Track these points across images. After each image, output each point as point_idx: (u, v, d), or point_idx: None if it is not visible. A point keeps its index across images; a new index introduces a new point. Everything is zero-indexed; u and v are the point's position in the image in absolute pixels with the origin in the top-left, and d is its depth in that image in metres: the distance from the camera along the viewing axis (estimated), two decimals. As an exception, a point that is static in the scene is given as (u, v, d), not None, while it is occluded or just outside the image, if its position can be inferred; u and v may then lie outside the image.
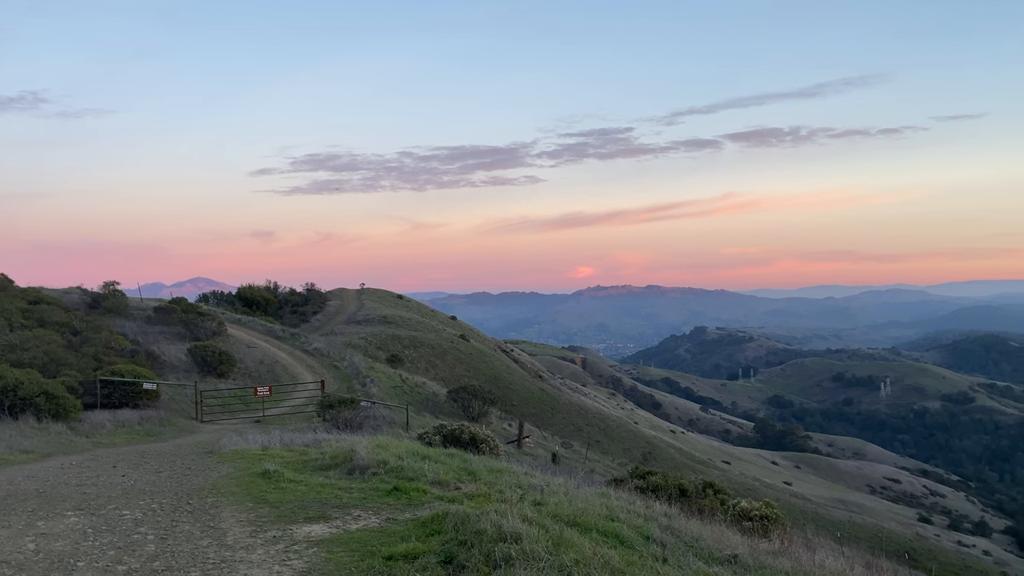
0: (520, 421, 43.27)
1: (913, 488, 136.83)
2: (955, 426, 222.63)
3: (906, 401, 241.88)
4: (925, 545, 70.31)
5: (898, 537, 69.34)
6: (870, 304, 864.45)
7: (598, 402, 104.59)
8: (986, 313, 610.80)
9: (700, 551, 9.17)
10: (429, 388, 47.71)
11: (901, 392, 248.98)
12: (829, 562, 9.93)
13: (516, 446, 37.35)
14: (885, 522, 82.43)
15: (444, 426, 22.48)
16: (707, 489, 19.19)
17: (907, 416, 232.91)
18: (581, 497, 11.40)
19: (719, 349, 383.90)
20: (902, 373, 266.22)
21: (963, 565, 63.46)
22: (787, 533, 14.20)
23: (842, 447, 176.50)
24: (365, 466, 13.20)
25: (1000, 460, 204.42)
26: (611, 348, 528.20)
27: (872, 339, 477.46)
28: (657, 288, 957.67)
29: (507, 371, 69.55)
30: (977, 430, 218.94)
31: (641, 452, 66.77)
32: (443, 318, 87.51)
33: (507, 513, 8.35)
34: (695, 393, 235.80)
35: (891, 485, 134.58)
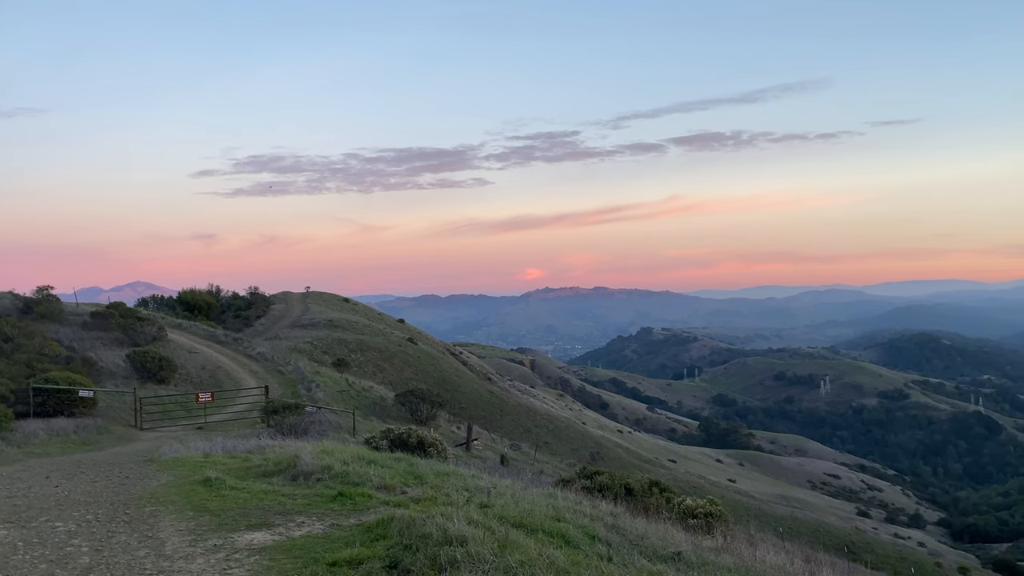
0: (469, 424, 43.20)
1: (852, 483, 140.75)
2: (891, 422, 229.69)
3: (845, 398, 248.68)
4: (863, 538, 72.35)
5: (838, 531, 71.24)
6: (810, 304, 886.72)
7: (547, 403, 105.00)
8: (920, 312, 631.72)
9: (645, 549, 9.28)
10: (376, 392, 47.29)
11: (840, 390, 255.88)
12: (770, 557, 10.17)
13: (465, 449, 37.26)
14: (826, 517, 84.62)
15: (391, 430, 22.30)
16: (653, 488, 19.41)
17: (846, 413, 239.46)
18: (528, 498, 11.44)
19: (665, 349, 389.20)
20: (841, 371, 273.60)
21: (899, 557, 65.48)
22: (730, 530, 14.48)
23: (784, 444, 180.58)
24: (309, 472, 13.02)
25: (933, 454, 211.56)
26: (559, 349, 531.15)
27: (812, 338, 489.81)
28: (604, 290, 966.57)
29: (456, 374, 69.36)
30: (912, 426, 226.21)
31: (589, 452, 67.26)
32: (391, 321, 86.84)
33: (453, 516, 8.33)
34: (642, 393, 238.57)
35: (831, 481, 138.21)
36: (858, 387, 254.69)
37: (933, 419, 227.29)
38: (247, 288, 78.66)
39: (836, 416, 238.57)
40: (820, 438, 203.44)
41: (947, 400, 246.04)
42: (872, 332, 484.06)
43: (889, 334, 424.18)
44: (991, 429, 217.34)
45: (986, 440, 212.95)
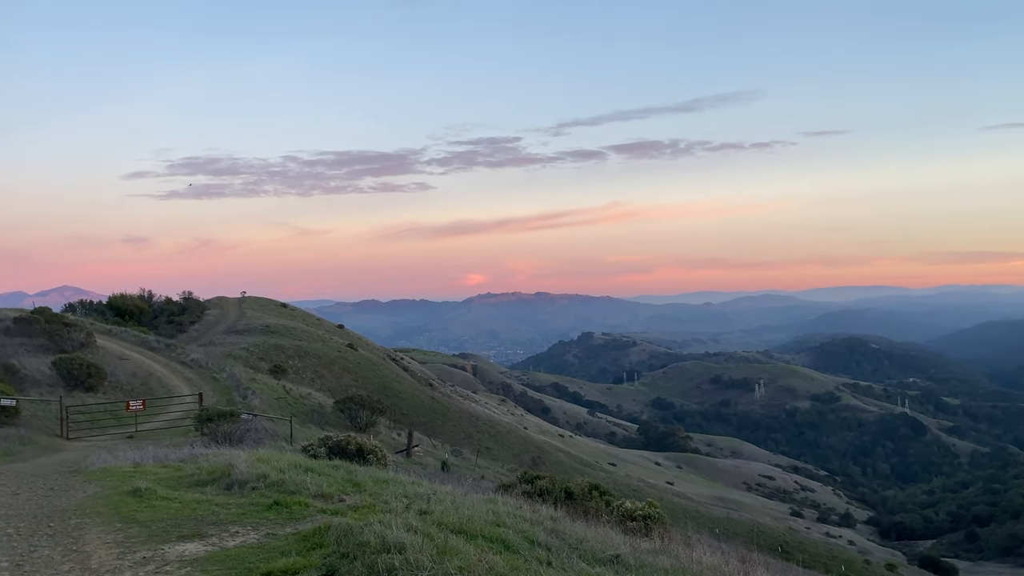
0: (409, 430, 42.88)
1: (786, 484, 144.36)
2: (823, 424, 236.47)
3: (779, 401, 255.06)
4: (796, 538, 74.24)
5: (772, 531, 72.94)
6: (745, 309, 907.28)
7: (488, 409, 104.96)
8: (850, 317, 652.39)
9: (584, 552, 9.34)
10: (315, 399, 46.58)
11: (774, 393, 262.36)
12: (706, 558, 10.33)
13: (405, 456, 36.96)
14: (760, 517, 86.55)
15: (330, 437, 21.98)
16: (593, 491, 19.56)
17: (780, 415, 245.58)
18: (468, 504, 11.40)
19: (605, 354, 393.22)
20: (775, 375, 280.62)
21: (830, 555, 67.36)
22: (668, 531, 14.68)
23: (720, 446, 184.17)
24: (244, 480, 12.73)
25: (863, 455, 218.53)
26: (501, 355, 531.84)
27: (747, 342, 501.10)
28: (546, 295, 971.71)
29: (397, 380, 68.81)
30: (842, 427, 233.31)
31: (531, 457, 67.46)
32: (330, 327, 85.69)
33: (391, 523, 8.24)
34: (583, 397, 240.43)
35: (766, 482, 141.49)
36: (791, 390, 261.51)
37: (862, 421, 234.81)
38: (181, 293, 76.87)
39: (770, 418, 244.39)
40: (755, 440, 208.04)
41: (875, 402, 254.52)
42: (804, 336, 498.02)
43: (820, 338, 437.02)
44: (917, 430, 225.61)
45: (912, 441, 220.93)
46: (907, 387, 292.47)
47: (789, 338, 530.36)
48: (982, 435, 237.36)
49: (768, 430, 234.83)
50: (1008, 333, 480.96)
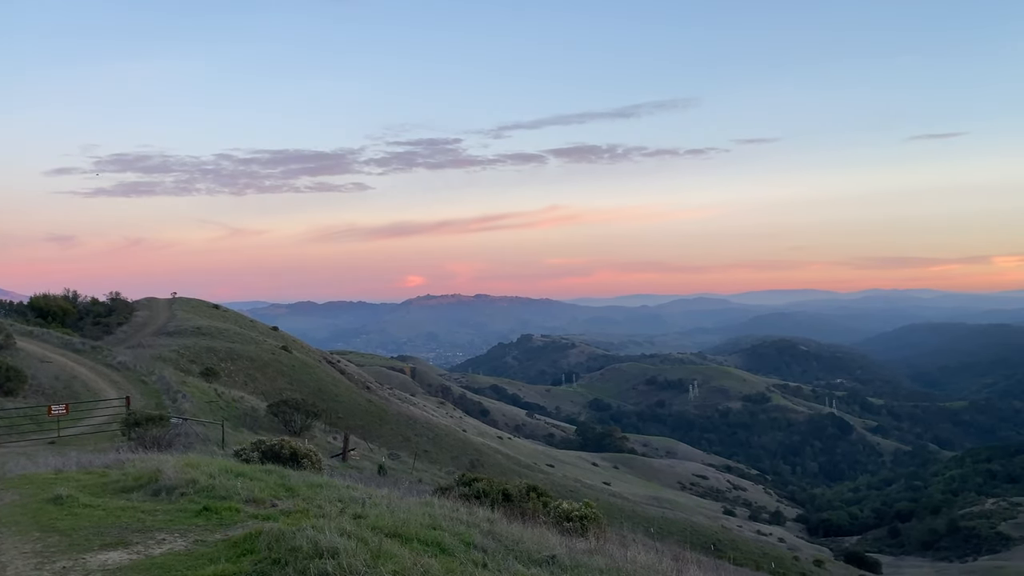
0: (345, 434, 42.36)
1: (719, 483, 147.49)
2: (755, 424, 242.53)
3: (712, 402, 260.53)
4: (729, 536, 75.90)
5: (705, 530, 74.42)
6: (679, 312, 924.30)
7: (427, 411, 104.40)
8: (780, 320, 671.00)
9: (520, 554, 9.35)
10: (248, 402, 45.60)
11: (708, 393, 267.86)
12: (641, 557, 10.46)
13: (341, 459, 36.51)
14: (694, 516, 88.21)
15: (263, 442, 21.54)
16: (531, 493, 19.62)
17: (713, 416, 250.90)
18: (404, 508, 11.30)
19: (544, 356, 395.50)
20: (708, 376, 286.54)
21: (761, 553, 69.08)
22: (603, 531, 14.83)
23: (656, 447, 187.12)
24: (172, 486, 12.36)
25: (792, 454, 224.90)
26: (441, 357, 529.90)
27: (682, 344, 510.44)
28: (486, 297, 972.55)
29: (333, 383, 67.89)
30: (773, 427, 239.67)
31: (469, 459, 67.35)
32: (264, 329, 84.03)
33: (324, 528, 8.12)
34: (522, 399, 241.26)
35: (699, 481, 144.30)
36: (724, 391, 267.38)
37: (792, 421, 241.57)
38: (108, 293, 74.48)
39: (704, 419, 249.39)
40: (690, 440, 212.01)
41: (804, 403, 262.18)
42: (737, 339, 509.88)
43: (752, 340, 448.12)
44: (843, 429, 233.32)
45: (839, 440, 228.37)
46: (834, 388, 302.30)
47: (722, 340, 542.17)
48: (904, 434, 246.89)
49: (702, 430, 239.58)
50: (929, 336, 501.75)
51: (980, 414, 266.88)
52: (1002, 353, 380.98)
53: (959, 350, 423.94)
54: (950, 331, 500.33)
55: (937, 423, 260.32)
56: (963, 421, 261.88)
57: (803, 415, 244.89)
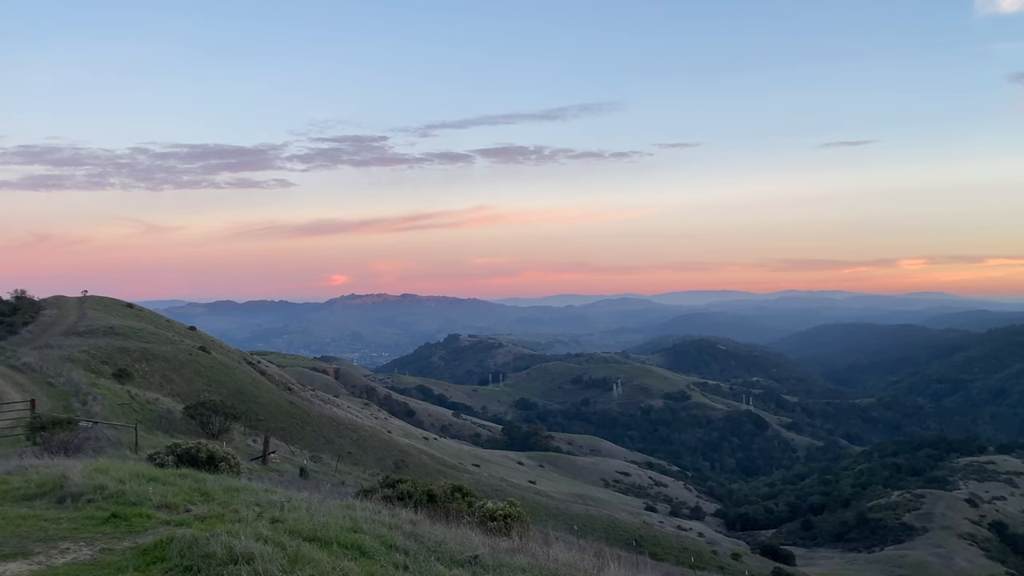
0: (266, 436, 41.38)
1: (641, 480, 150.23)
2: (675, 421, 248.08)
3: (635, 400, 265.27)
4: (650, 532, 77.42)
5: (628, 526, 75.70)
6: (604, 312, 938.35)
7: (351, 413, 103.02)
8: (700, 320, 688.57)
9: (443, 555, 9.30)
10: (163, 405, 44.09)
11: (631, 392, 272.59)
12: (563, 555, 10.55)
13: (261, 463, 35.66)
14: (617, 513, 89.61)
15: (178, 445, 20.82)
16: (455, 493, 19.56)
17: (636, 414, 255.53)
18: (324, 511, 11.09)
19: (471, 356, 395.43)
20: (631, 375, 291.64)
21: (681, 547, 70.67)
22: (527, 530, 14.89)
23: (581, 445, 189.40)
24: (79, 493, 11.81)
25: (711, 451, 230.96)
26: (366, 357, 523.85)
27: (606, 344, 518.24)
28: (413, 297, 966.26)
29: (253, 384, 66.30)
30: (693, 424, 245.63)
31: (394, 461, 66.77)
32: (181, 328, 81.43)
33: (240, 533, 7.90)
34: (448, 399, 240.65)
35: (622, 478, 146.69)
36: (647, 389, 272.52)
37: (711, 418, 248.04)
38: (13, 291, 71.06)
39: (627, 417, 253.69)
40: (613, 438, 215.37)
41: (723, 400, 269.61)
42: (659, 338, 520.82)
43: (673, 340, 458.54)
44: (759, 426, 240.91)
45: (755, 436, 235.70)
46: (751, 386, 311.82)
47: (645, 339, 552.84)
48: (817, 430, 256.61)
49: (625, 428, 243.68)
50: (840, 336, 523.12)
51: (887, 410, 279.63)
52: (908, 352, 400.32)
53: (868, 349, 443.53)
54: (860, 331, 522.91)
55: (848, 419, 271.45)
56: (871, 417, 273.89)
57: (722, 412, 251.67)
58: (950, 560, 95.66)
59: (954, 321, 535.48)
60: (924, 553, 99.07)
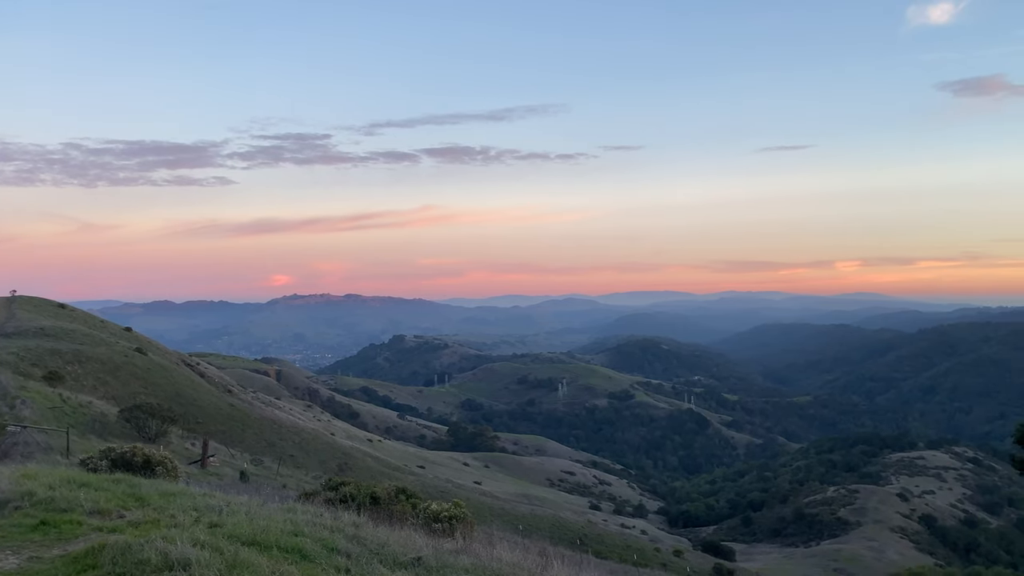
0: (205, 439, 40.51)
1: (585, 479, 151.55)
2: (619, 420, 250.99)
3: (580, 400, 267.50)
4: (595, 530, 78.14)
5: (572, 525, 76.28)
6: (550, 312, 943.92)
7: (293, 415, 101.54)
8: (644, 320, 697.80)
9: (385, 557, 9.24)
10: (97, 408, 42.80)
11: (576, 392, 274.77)
12: (506, 555, 10.59)
13: (200, 466, 34.88)
14: (562, 512, 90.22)
15: (113, 449, 20.22)
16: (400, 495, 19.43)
17: (581, 413, 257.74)
18: (265, 515, 10.90)
19: (417, 356, 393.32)
20: (577, 375, 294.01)
21: (624, 545, 71.50)
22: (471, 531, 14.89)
23: (526, 445, 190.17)
24: (6, 500, 11.37)
25: (655, 449, 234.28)
26: (308, 359, 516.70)
27: (552, 344, 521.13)
28: (357, 297, 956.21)
29: (192, 386, 64.83)
30: (637, 423, 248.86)
31: (337, 463, 66.04)
32: (116, 330, 79.15)
33: (176, 538, 7.71)
34: (393, 401, 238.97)
35: (567, 477, 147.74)
36: (592, 389, 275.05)
37: (654, 417, 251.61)
38: (-66, 291, 67.85)
39: (572, 416, 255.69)
40: (558, 437, 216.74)
41: (666, 399, 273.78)
42: (603, 338, 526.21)
43: (617, 340, 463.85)
44: (701, 424, 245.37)
45: (697, 434, 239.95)
46: (693, 385, 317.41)
47: (590, 339, 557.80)
48: (756, 428, 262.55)
49: (570, 427, 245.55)
50: (779, 336, 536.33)
51: (823, 408, 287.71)
52: (843, 351, 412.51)
53: (805, 349, 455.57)
54: (798, 331, 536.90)
55: (785, 417, 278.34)
56: (808, 415, 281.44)
57: (664, 411, 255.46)
58: (882, 553, 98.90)
59: (887, 321, 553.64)
60: (858, 547, 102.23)
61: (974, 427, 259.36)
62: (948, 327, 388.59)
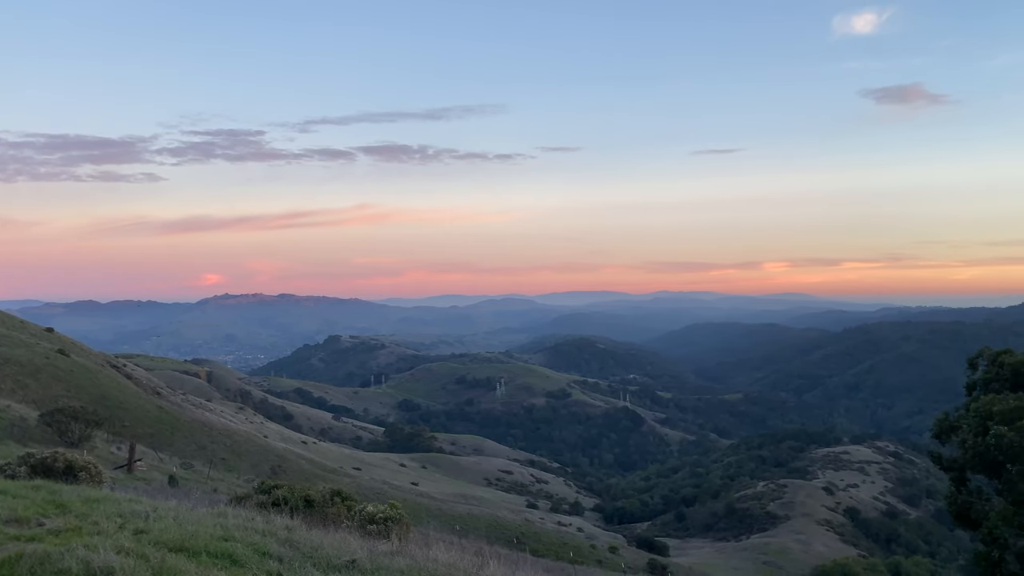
0: (131, 443, 39.25)
1: (523, 478, 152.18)
2: (556, 419, 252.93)
3: (518, 399, 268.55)
4: (532, 528, 78.54)
5: (509, 524, 76.54)
6: (488, 312, 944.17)
7: (225, 417, 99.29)
8: (581, 320, 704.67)
9: (319, 561, 9.13)
10: (15, 412, 41.08)
11: (514, 391, 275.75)
12: (442, 556, 10.57)
13: (126, 471, 33.81)
14: (499, 511, 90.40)
15: (32, 455, 19.44)
16: (335, 497, 19.19)
17: (519, 412, 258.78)
18: (194, 519, 10.64)
19: (353, 357, 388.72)
20: (515, 374, 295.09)
21: (561, 543, 72.08)
22: (407, 532, 14.81)
23: (464, 445, 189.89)
24: (-86, 511, 10.81)
25: (591, 446, 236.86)
26: (241, 360, 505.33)
27: (490, 344, 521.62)
28: (291, 297, 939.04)
29: (118, 389, 62.75)
30: (573, 421, 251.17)
31: (271, 466, 64.82)
32: (36, 330, 76.01)
33: (99, 546, 7.46)
34: (328, 402, 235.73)
35: (505, 477, 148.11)
36: (529, 388, 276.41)
37: (590, 415, 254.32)
38: None
39: (510, 416, 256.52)
40: (496, 437, 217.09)
41: (602, 397, 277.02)
42: (541, 338, 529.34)
43: (555, 339, 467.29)
44: (636, 422, 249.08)
45: (632, 432, 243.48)
46: (628, 383, 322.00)
47: (528, 339, 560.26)
48: (689, 425, 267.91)
49: (508, 426, 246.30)
50: (711, 335, 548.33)
51: (753, 405, 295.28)
52: (771, 350, 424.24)
53: (736, 347, 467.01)
54: (728, 330, 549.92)
55: (717, 414, 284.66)
56: (739, 412, 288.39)
57: (600, 409, 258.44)
58: (809, 545, 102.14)
59: (814, 321, 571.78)
60: (787, 540, 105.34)
61: (895, 422, 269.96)
62: (871, 326, 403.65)
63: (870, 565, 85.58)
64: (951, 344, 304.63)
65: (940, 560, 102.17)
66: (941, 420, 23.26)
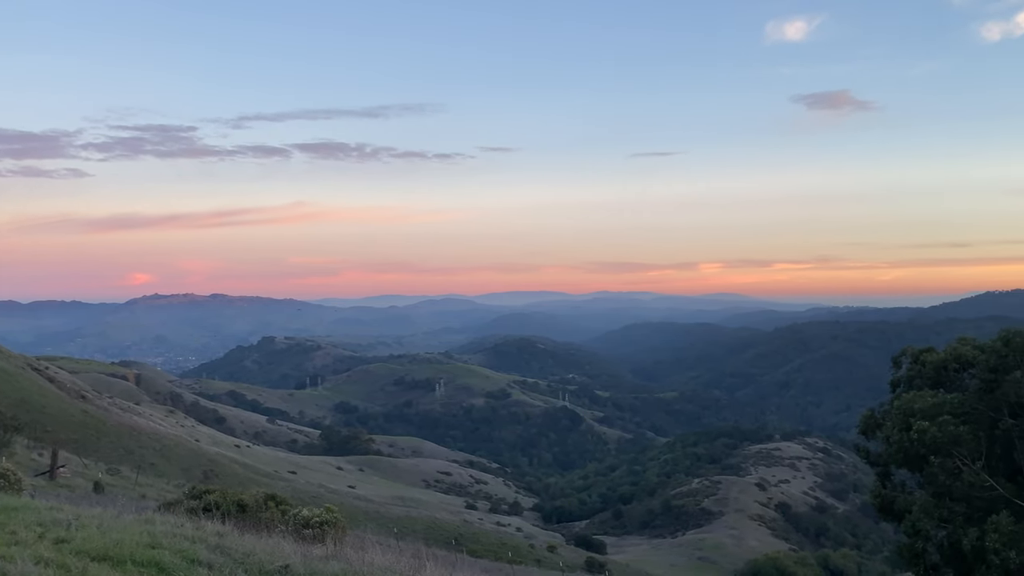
0: (54, 449, 37.85)
1: (462, 479, 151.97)
2: (496, 419, 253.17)
3: (457, 400, 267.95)
4: (471, 529, 78.50)
5: (448, 525, 76.33)
6: (427, 312, 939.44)
7: (154, 421, 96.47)
8: (521, 320, 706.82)
9: (251, 567, 8.93)
10: (-73, 418, 39.06)
11: (453, 392, 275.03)
12: (378, 559, 10.45)
13: (48, 478, 32.59)
14: (438, 513, 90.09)
15: (-56, 463, 18.56)
16: (269, 502, 18.84)
17: (458, 413, 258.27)
18: (119, 527, 10.28)
19: (288, 359, 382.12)
20: (454, 374, 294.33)
21: (500, 543, 72.21)
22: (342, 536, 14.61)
23: (403, 446, 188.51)
24: None
25: (530, 447, 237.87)
26: (171, 362, 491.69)
27: (430, 344, 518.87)
28: (224, 297, 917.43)
29: (39, 393, 60.40)
30: (513, 422, 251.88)
31: (203, 471, 63.27)
32: (-49, 332, 72.67)
33: (16, 556, 7.13)
34: (262, 405, 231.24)
35: (443, 478, 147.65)
36: (469, 388, 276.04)
37: (530, 415, 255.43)
38: None
39: (450, 416, 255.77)
40: (435, 438, 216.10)
41: (541, 397, 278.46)
42: (481, 338, 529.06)
43: (495, 339, 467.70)
44: (574, 421, 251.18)
45: (570, 431, 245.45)
46: (568, 382, 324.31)
47: (468, 339, 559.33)
48: (627, 423, 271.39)
49: (447, 427, 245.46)
50: (649, 334, 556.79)
51: (688, 403, 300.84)
52: (707, 349, 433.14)
53: (672, 347, 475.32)
54: (665, 330, 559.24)
55: (653, 412, 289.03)
56: (675, 410, 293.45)
57: (540, 409, 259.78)
58: (742, 540, 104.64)
59: (746, 320, 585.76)
60: (721, 535, 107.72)
61: (824, 419, 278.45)
62: (801, 325, 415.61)
63: (800, 559, 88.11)
64: (877, 343, 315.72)
65: (866, 552, 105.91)
66: (867, 417, 24.02)
